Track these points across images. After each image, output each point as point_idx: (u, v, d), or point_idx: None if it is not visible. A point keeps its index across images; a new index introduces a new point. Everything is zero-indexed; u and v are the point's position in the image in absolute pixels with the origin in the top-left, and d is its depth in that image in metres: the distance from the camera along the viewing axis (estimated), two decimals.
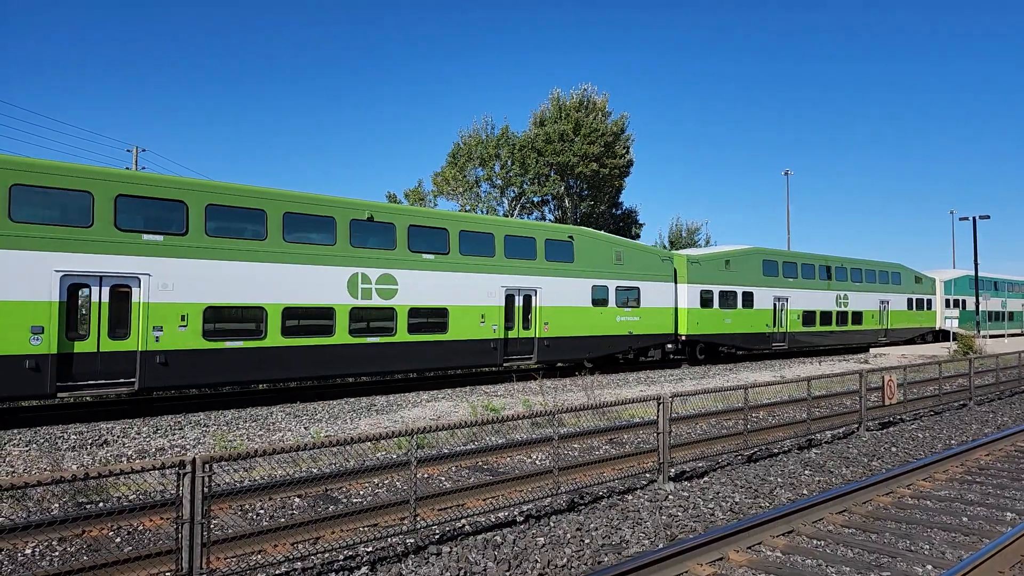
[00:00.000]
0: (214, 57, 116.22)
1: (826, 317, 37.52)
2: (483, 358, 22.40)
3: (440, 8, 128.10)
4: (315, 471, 10.57)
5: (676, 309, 29.28)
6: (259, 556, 7.12)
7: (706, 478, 10.55)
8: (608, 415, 15.59)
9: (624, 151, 49.13)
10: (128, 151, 44.24)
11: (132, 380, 15.73)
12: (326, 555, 7.09)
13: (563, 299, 24.58)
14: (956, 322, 39.12)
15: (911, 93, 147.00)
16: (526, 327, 23.51)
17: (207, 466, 5.88)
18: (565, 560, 7.08)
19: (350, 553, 7.21)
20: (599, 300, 25.77)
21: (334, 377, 20.31)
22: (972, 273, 50.88)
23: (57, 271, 14.82)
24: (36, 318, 14.51)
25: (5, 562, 6.97)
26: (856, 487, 9.30)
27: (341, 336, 19.14)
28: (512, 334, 23.25)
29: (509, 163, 46.20)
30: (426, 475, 10.54)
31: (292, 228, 18.52)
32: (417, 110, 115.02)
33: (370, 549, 7.36)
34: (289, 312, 18.23)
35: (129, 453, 12.38)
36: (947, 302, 48.05)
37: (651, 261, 28.39)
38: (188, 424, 15.09)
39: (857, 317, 39.74)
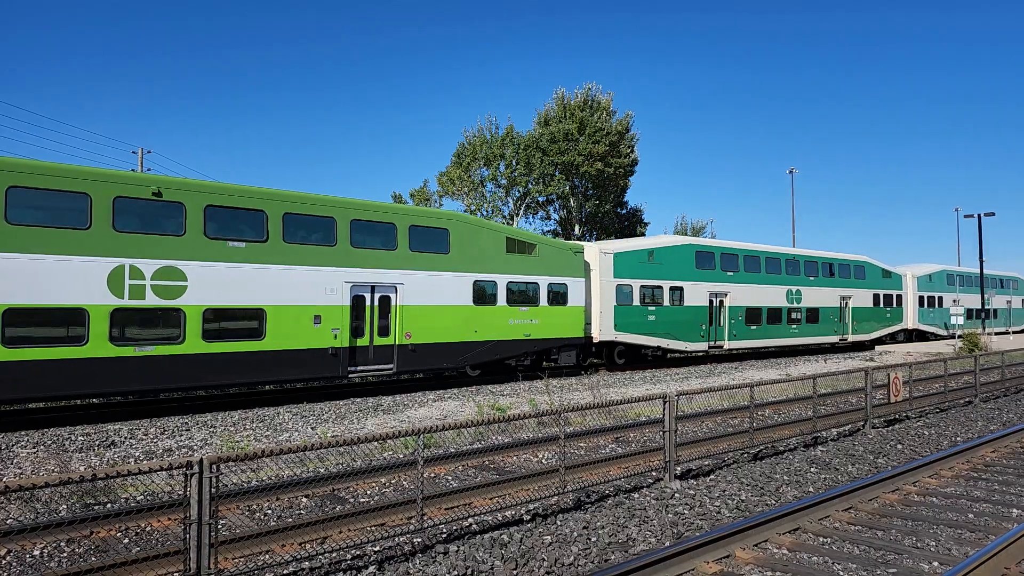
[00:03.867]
0: (219, 57, 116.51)
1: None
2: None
3: (446, 8, 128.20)
4: (322, 471, 10.61)
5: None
6: (267, 556, 7.16)
7: (712, 476, 10.55)
8: (614, 414, 15.60)
9: (629, 150, 49.10)
10: (133, 152, 44.46)
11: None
12: (334, 555, 7.12)
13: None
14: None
15: (916, 91, 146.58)
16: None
17: (214, 467, 5.91)
18: (572, 558, 7.09)
19: (357, 552, 7.24)
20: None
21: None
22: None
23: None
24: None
25: (14, 563, 7.01)
26: (862, 484, 9.29)
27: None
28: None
29: (514, 163, 46.22)
30: (433, 475, 10.56)
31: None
32: (422, 110, 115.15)
33: (377, 548, 7.38)
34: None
35: (136, 454, 12.44)
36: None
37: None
38: (195, 425, 15.15)
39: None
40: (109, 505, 9.10)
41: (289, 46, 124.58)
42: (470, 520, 8.30)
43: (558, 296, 24.52)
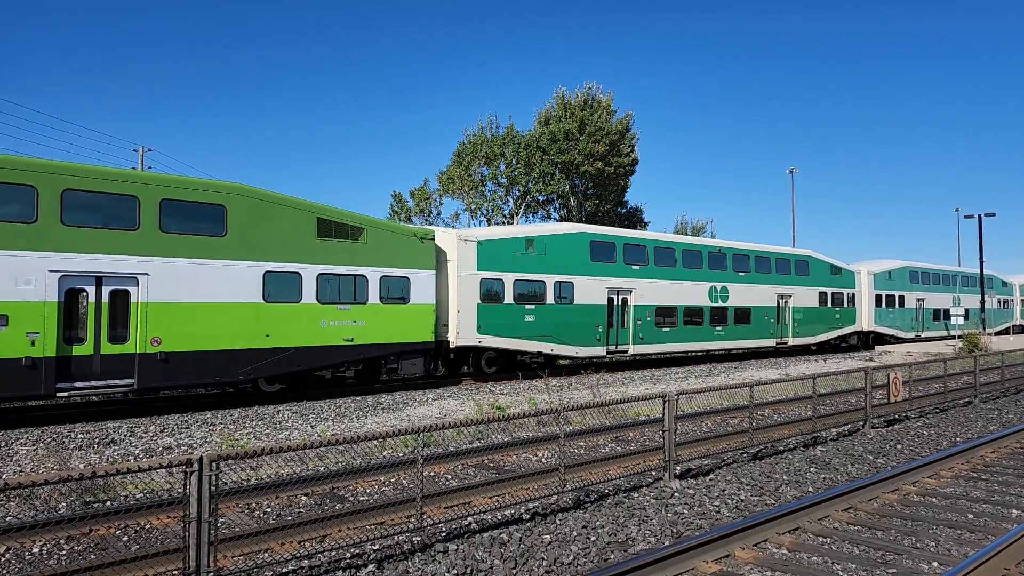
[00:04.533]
0: (220, 57, 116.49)
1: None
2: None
3: (446, 8, 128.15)
4: (322, 469, 10.61)
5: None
6: (266, 554, 7.16)
7: (712, 476, 10.55)
8: (614, 413, 15.60)
9: (629, 149, 49.09)
10: (134, 151, 44.47)
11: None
12: (333, 553, 7.12)
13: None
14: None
15: (916, 91, 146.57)
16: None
17: (214, 464, 5.90)
18: (571, 557, 7.09)
19: (357, 551, 7.24)
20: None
21: None
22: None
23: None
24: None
25: (13, 560, 7.01)
26: (862, 484, 9.29)
27: None
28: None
29: (514, 162, 46.22)
30: (432, 473, 10.56)
31: None
32: (423, 109, 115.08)
33: (377, 547, 7.38)
34: None
35: (136, 452, 12.44)
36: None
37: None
38: (195, 423, 15.15)
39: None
40: (109, 503, 9.10)
41: (289, 46, 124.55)
42: (470, 519, 8.30)
43: (396, 292, 20.31)
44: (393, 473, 10.38)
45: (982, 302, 46.85)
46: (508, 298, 23.40)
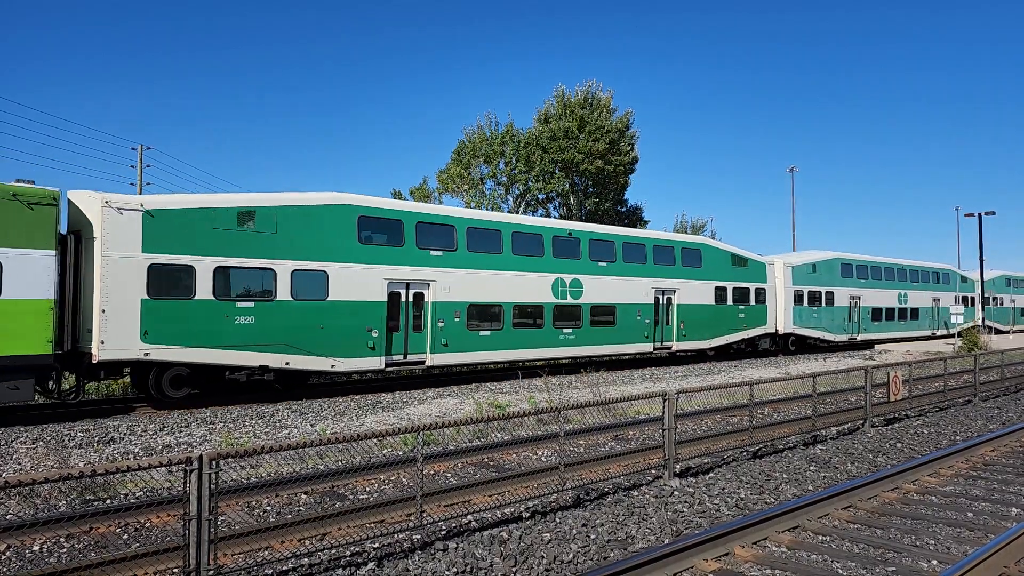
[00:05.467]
0: (220, 57, 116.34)
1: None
2: None
3: (446, 6, 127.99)
4: (321, 468, 10.61)
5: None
6: (266, 552, 7.16)
7: (711, 474, 10.55)
8: (614, 412, 15.60)
9: (629, 148, 49.04)
10: (133, 149, 44.47)
11: None
12: (333, 551, 7.12)
13: None
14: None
15: (916, 90, 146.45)
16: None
17: (214, 463, 5.91)
18: (571, 556, 7.09)
19: (357, 549, 7.24)
20: None
21: None
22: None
23: None
24: None
25: (14, 558, 7.01)
26: (861, 483, 9.29)
27: None
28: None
29: (514, 160, 46.18)
30: (432, 472, 10.56)
31: None
32: (422, 108, 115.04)
33: (377, 545, 7.38)
34: None
35: (136, 450, 12.44)
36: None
37: None
38: (195, 421, 15.14)
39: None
40: (109, 501, 9.10)
41: (289, 46, 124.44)
42: (469, 517, 8.31)
43: None
44: (393, 471, 10.38)
45: (982, 300, 45.90)
46: (206, 293, 17.02)
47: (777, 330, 33.92)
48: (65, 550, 7.26)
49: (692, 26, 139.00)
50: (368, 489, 9.79)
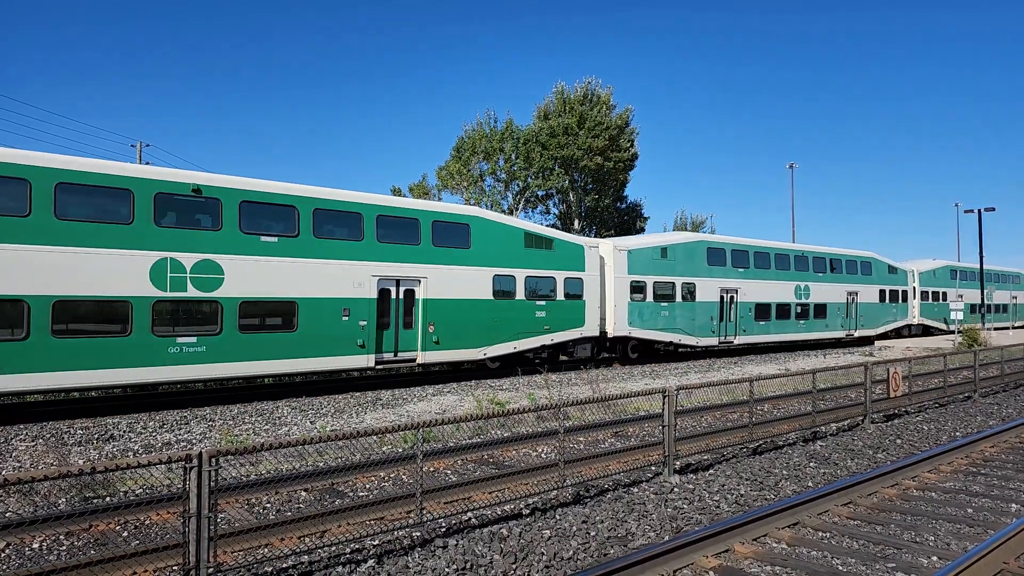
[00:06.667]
0: (219, 53, 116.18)
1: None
2: None
3: (446, 6, 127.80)
4: (321, 465, 10.60)
5: None
6: (266, 550, 7.15)
7: (711, 471, 10.55)
8: (613, 408, 15.60)
9: (629, 144, 49.02)
10: (132, 146, 44.41)
11: None
12: (333, 548, 7.11)
13: None
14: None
15: (916, 87, 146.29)
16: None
17: (213, 460, 5.90)
18: (571, 552, 7.09)
19: (356, 546, 7.24)
20: None
21: None
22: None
23: None
24: None
25: (13, 556, 7.01)
26: (861, 479, 9.29)
27: None
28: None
29: (513, 157, 46.14)
30: (432, 469, 10.56)
31: None
32: (422, 104, 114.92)
33: (376, 542, 7.38)
34: None
35: (135, 448, 12.43)
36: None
37: None
38: (194, 419, 15.14)
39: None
40: (108, 499, 9.09)
41: (288, 42, 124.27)
42: (469, 514, 8.30)
43: None
44: (393, 469, 10.38)
45: (982, 293, 44.64)
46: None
47: (605, 332, 26.28)
48: (65, 548, 7.25)
49: (691, 23, 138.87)
50: (368, 486, 9.79)
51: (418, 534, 7.57)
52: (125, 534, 7.70)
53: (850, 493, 8.94)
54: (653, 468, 10.35)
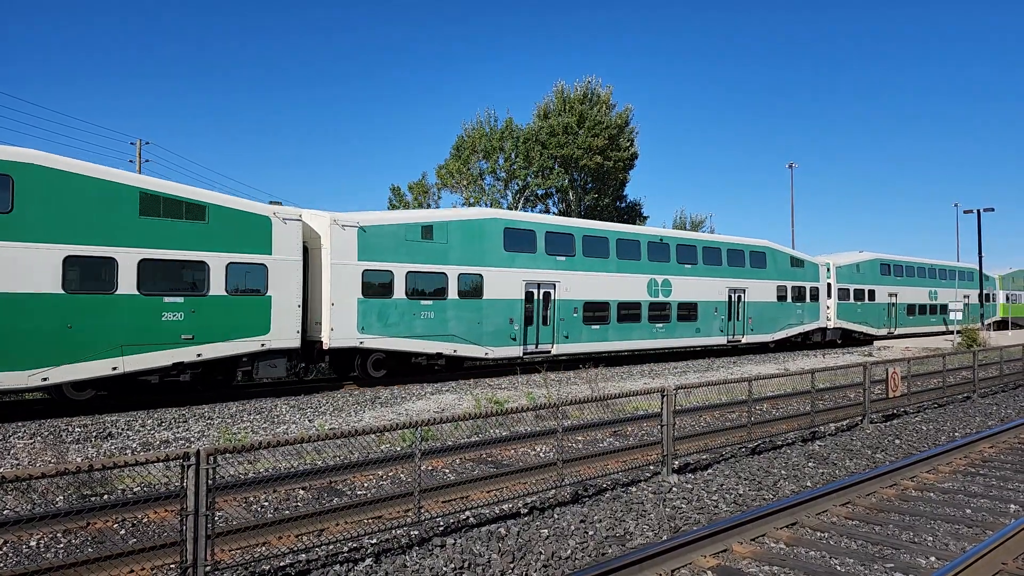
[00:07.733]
0: (219, 52, 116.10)
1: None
2: None
3: (446, 5, 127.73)
4: (319, 464, 10.59)
5: None
6: (264, 548, 7.14)
7: (710, 470, 10.55)
8: (612, 408, 15.59)
9: (628, 144, 49.01)
10: (132, 144, 44.39)
11: None
12: (330, 547, 7.10)
13: None
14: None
15: (916, 87, 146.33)
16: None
17: (211, 458, 5.89)
18: (569, 552, 7.08)
19: (354, 545, 7.23)
20: None
21: None
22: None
23: None
24: None
25: (11, 554, 7.00)
26: (860, 479, 9.29)
27: None
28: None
29: (513, 156, 46.12)
30: (430, 468, 10.55)
31: None
32: (422, 103, 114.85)
33: (374, 541, 7.37)
34: None
35: (133, 446, 12.42)
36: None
37: None
38: (192, 417, 15.13)
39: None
40: (106, 496, 9.08)
41: (287, 41, 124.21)
42: (467, 513, 8.29)
43: None
44: (391, 467, 10.37)
45: (980, 292, 43.76)
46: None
47: (319, 341, 20.15)
48: (62, 545, 7.24)
49: (692, 23, 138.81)
50: (366, 485, 9.78)
51: (416, 533, 7.56)
52: (123, 532, 7.68)
53: (849, 493, 8.93)
54: (651, 467, 10.34)
